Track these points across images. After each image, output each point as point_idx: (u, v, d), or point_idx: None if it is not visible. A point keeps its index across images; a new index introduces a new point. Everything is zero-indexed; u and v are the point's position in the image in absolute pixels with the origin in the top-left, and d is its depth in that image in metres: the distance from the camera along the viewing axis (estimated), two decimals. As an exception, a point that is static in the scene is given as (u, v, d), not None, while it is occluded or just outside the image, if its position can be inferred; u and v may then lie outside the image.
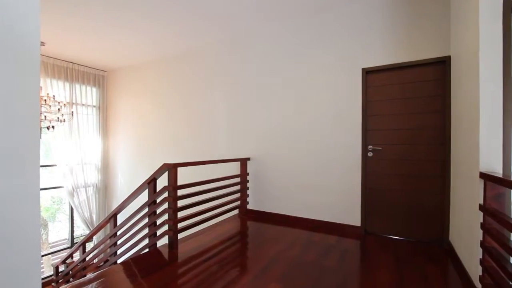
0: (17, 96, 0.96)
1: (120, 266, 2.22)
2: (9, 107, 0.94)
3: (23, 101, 0.96)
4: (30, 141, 0.99)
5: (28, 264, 0.99)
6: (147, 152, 4.89)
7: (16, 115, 0.95)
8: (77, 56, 4.64)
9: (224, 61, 3.93)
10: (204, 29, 3.55)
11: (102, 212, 5.40)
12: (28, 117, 0.98)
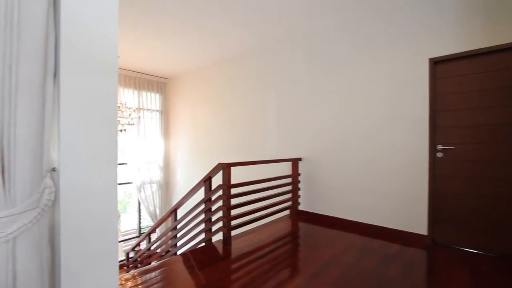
0: (101, 104, 1.11)
1: (180, 257, 2.39)
2: (96, 114, 1.10)
3: (106, 108, 1.11)
4: (111, 143, 1.14)
5: (109, 248, 1.14)
6: (203, 152, 5.20)
7: (102, 121, 1.10)
8: (143, 67, 5.19)
9: (276, 61, 3.94)
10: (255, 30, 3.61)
11: (164, 206, 5.92)
12: (110, 122, 1.13)
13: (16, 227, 0.91)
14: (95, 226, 1.08)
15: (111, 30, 1.12)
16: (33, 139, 0.94)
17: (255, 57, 4.22)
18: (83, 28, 1.04)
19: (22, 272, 0.95)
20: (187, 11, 3.01)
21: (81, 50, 1.04)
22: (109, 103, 1.12)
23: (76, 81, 1.03)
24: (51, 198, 1.01)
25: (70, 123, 1.01)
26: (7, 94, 0.89)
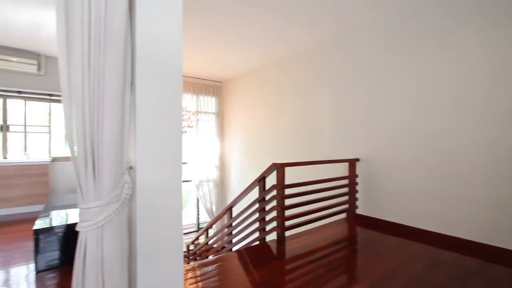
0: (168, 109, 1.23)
1: (235, 254, 2.48)
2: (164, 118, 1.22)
3: (172, 113, 1.23)
4: (176, 144, 1.25)
5: (176, 238, 1.26)
6: (256, 152, 5.31)
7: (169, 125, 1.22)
8: (201, 72, 5.56)
9: (333, 58, 3.79)
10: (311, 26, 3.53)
11: (219, 204, 6.24)
12: (175, 125, 1.25)
13: (103, 216, 1.08)
14: (164, 218, 1.20)
15: (176, 40, 1.23)
16: (115, 142, 1.10)
17: (310, 55, 4.13)
18: (154, 41, 1.17)
19: (107, 253, 1.10)
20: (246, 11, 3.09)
21: (152, 61, 1.16)
22: (175, 108, 1.23)
23: (148, 89, 1.16)
24: (129, 193, 1.16)
25: (143, 127, 1.15)
26: (96, 105, 1.05)
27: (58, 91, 4.64)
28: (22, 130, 4.55)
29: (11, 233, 3.18)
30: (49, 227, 2.29)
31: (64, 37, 0.99)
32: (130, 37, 1.14)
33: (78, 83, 1.01)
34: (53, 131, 4.79)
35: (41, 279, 2.11)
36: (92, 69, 1.03)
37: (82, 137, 1.02)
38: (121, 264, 1.14)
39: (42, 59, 4.51)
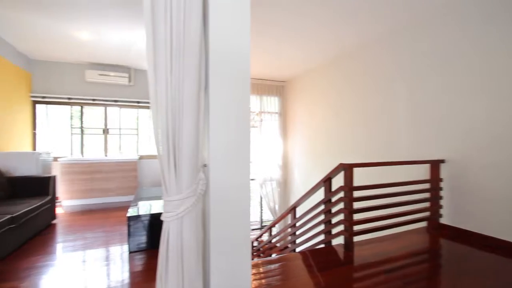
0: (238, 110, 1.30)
1: (299, 255, 2.44)
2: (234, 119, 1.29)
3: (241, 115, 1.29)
4: (245, 144, 1.31)
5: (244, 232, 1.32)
6: (320, 152, 5.15)
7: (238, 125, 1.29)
8: (264, 73, 5.68)
9: (405, 50, 3.42)
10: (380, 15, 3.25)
11: (282, 203, 6.27)
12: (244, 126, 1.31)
13: (183, 208, 1.20)
14: (234, 212, 1.27)
15: (245, 45, 1.29)
16: (192, 142, 1.21)
17: (380, 47, 3.79)
18: (225, 47, 1.25)
19: (186, 241, 1.23)
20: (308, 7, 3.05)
21: (223, 66, 1.24)
22: (244, 110, 1.29)
23: (220, 93, 1.24)
24: (204, 188, 1.27)
25: (216, 128, 1.24)
26: (177, 109, 1.17)
27: (144, 99, 5.40)
28: (118, 132, 5.45)
29: (111, 218, 3.84)
30: (137, 215, 2.67)
31: (152, 52, 1.14)
32: (204, 46, 1.24)
33: (162, 91, 1.15)
34: (140, 133, 5.60)
35: (132, 258, 2.48)
36: (173, 78, 1.16)
37: (166, 138, 1.16)
38: (196, 252, 1.26)
39: (132, 72, 5.31)
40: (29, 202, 2.99)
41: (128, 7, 3.03)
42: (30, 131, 4.84)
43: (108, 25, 3.49)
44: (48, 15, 3.21)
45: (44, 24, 3.46)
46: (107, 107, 5.32)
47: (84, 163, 4.64)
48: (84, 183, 4.63)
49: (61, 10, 3.10)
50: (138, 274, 2.21)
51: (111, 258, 2.52)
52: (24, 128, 4.64)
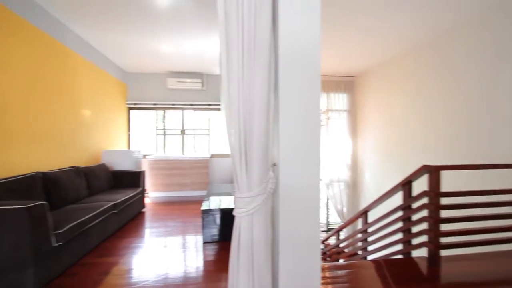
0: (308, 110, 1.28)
1: (371, 264, 2.26)
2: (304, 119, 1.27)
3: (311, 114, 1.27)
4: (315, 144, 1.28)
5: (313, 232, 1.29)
6: (396, 152, 4.66)
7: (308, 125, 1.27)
8: (331, 69, 5.44)
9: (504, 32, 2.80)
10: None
11: (351, 206, 5.90)
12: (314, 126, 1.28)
13: (253, 205, 1.24)
14: (303, 212, 1.25)
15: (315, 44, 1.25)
16: (262, 142, 1.24)
17: (477, 26, 3.20)
18: (295, 47, 1.24)
19: (256, 237, 1.27)
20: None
21: (293, 66, 1.24)
22: (314, 109, 1.25)
23: (289, 93, 1.24)
24: (273, 187, 1.29)
25: (285, 128, 1.24)
26: (248, 110, 1.22)
27: (215, 101, 5.81)
28: (192, 133, 6.02)
29: (187, 210, 4.26)
30: (210, 209, 2.89)
31: (225, 57, 1.22)
32: (273, 48, 1.26)
33: (235, 93, 1.21)
34: (211, 133, 6.06)
35: (205, 248, 2.70)
36: (245, 80, 1.21)
37: (238, 138, 1.22)
38: (265, 248, 1.29)
39: (204, 77, 5.78)
40: (125, 192, 3.57)
41: (202, 18, 3.31)
42: (126, 133, 5.78)
43: (185, 37, 3.88)
44: (140, 33, 3.76)
45: (136, 42, 4.07)
46: (184, 110, 5.93)
47: (165, 160, 5.28)
48: (165, 178, 5.27)
49: (149, 28, 3.59)
50: (211, 263, 2.40)
51: (187, 246, 2.79)
52: (121, 130, 5.56)
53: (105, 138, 4.79)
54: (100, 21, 3.41)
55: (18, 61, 2.75)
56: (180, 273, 2.19)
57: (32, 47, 2.93)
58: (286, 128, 1.23)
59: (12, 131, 2.67)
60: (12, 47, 2.66)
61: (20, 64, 2.78)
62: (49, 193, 2.65)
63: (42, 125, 3.11)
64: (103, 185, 3.72)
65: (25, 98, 2.84)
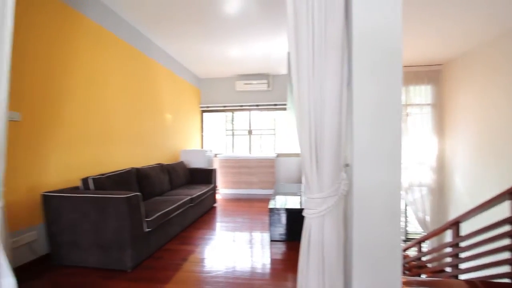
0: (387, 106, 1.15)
1: (464, 284, 1.92)
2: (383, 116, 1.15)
3: (392, 109, 1.14)
4: (396, 143, 1.15)
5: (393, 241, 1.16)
6: (497, 153, 3.84)
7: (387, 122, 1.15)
8: (411, 58, 4.83)
9: None
10: None
11: (436, 214, 5.12)
12: (395, 121, 1.15)
13: (324, 207, 1.19)
14: (382, 218, 1.14)
15: (396, 32, 1.12)
16: (334, 141, 1.18)
17: None
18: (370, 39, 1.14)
19: (327, 239, 1.21)
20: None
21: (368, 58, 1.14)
22: (394, 104, 1.13)
23: (365, 88, 1.14)
24: (346, 189, 1.21)
25: (360, 126, 1.15)
26: (319, 108, 1.17)
27: (280, 101, 5.85)
28: (259, 133, 6.20)
29: (254, 208, 4.40)
30: (277, 208, 2.92)
31: (294, 55, 1.20)
32: (346, 40, 1.18)
33: (305, 90, 1.18)
34: (276, 133, 6.13)
35: (272, 246, 2.74)
36: (315, 76, 1.17)
37: (308, 137, 1.19)
38: (337, 251, 1.22)
39: (270, 78, 5.88)
40: (200, 188, 3.91)
41: (269, 19, 3.38)
42: (199, 134, 6.33)
43: (253, 39, 4.02)
44: (212, 41, 4.07)
45: (209, 49, 4.42)
46: (251, 111, 6.16)
47: (234, 159, 5.58)
48: (234, 176, 5.57)
49: (220, 35, 3.85)
50: (278, 262, 2.41)
51: (254, 242, 2.88)
52: (196, 131, 6.13)
53: (183, 138, 5.36)
54: (178, 33, 3.82)
55: (116, 74, 3.31)
56: (247, 268, 2.27)
57: (126, 61, 3.49)
58: (360, 125, 1.14)
59: (113, 134, 3.22)
60: (112, 64, 3.23)
61: (118, 76, 3.34)
62: (141, 186, 3.10)
63: (134, 129, 3.66)
64: (182, 181, 4.15)
65: (121, 106, 3.39)
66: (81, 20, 2.71)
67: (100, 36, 2.98)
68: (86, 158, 2.77)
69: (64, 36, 2.53)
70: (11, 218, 2.01)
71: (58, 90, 2.46)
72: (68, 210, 2.18)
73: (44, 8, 2.31)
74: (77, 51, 2.68)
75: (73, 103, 2.62)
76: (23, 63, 2.13)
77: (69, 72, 2.58)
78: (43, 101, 2.31)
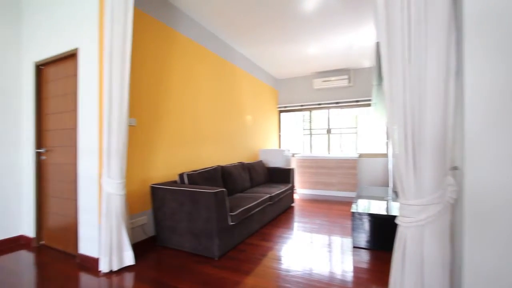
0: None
1: None
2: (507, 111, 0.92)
3: None
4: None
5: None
6: None
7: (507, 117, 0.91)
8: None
9: None
10: None
11: None
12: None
13: (424, 216, 1.03)
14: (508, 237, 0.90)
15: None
16: (437, 139, 1.00)
17: None
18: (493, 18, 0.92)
19: (428, 255, 1.04)
20: None
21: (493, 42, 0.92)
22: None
23: (484, 76, 0.93)
24: (454, 196, 1.02)
25: (475, 120, 0.94)
26: (417, 101, 1.02)
27: (363, 97, 5.42)
28: (338, 132, 5.89)
29: (333, 210, 4.20)
30: (360, 212, 2.70)
31: (385, 44, 1.08)
32: (454, 20, 0.99)
33: (399, 83, 1.05)
34: (359, 132, 5.69)
35: (355, 253, 2.55)
36: (412, 66, 1.02)
37: (403, 135, 1.05)
38: (442, 271, 1.04)
39: (351, 73, 5.51)
40: (278, 187, 3.98)
41: (350, 11, 3.16)
42: (277, 134, 6.46)
43: (332, 34, 3.85)
44: (290, 41, 4.08)
45: (286, 50, 4.46)
46: (330, 109, 5.91)
47: (312, 159, 5.46)
48: (312, 176, 5.45)
49: (298, 35, 3.83)
50: (361, 270, 2.23)
51: (333, 246, 2.74)
52: (273, 131, 6.27)
53: (261, 138, 5.56)
54: (255, 37, 3.99)
55: (204, 81, 3.68)
56: (325, 272, 2.18)
57: (211, 68, 3.85)
58: (475, 120, 0.93)
59: (202, 136, 3.61)
60: (202, 73, 3.61)
61: (206, 82, 3.71)
62: (225, 182, 3.37)
63: (219, 129, 4.01)
64: (261, 179, 4.32)
65: (208, 109, 3.76)
66: (174, 34, 3.14)
67: (188, 47, 3.39)
68: (181, 156, 3.19)
69: (164, 51, 2.97)
70: (130, 204, 2.49)
71: (160, 99, 2.91)
72: (169, 200, 2.55)
73: (149, 28, 2.77)
74: (173, 63, 3.11)
75: (171, 110, 3.05)
76: (137, 77, 2.61)
77: (168, 83, 3.02)
78: (150, 109, 2.77)
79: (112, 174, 2.11)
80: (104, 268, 2.12)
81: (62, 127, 2.60)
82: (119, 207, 2.14)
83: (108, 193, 2.11)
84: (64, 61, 2.58)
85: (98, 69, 2.22)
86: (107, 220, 2.12)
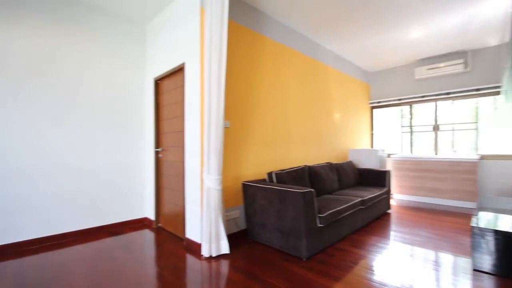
0: None
1: None
2: None
3: None
4: None
5: None
6: None
7: None
8: None
9: None
10: None
11: None
12: None
13: None
14: None
15: None
16: None
17: None
18: None
19: None
20: None
21: None
22: None
23: None
24: None
25: None
26: None
27: (486, 84, 4.36)
28: (450, 128, 4.89)
29: (440, 222, 3.53)
30: (485, 228, 2.17)
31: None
32: None
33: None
34: (480, 127, 4.58)
35: (476, 277, 2.06)
36: None
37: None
38: None
39: (468, 55, 4.50)
40: (371, 190, 3.63)
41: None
42: (369, 132, 5.90)
43: (436, 11, 3.23)
44: (383, 29, 3.66)
45: (379, 39, 4.01)
46: (437, 101, 4.98)
47: (413, 161, 4.74)
48: (413, 180, 4.74)
49: (395, 19, 3.39)
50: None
51: (442, 265, 2.29)
52: (365, 129, 5.76)
53: (351, 137, 5.19)
54: (344, 32, 3.74)
55: (292, 82, 3.71)
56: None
57: (299, 68, 3.83)
58: None
59: (290, 136, 3.64)
60: (289, 73, 3.65)
61: (293, 83, 3.73)
62: (312, 183, 3.31)
63: (306, 129, 3.96)
64: (351, 181, 4.04)
65: (296, 108, 3.77)
66: (261, 38, 3.27)
67: (275, 49, 3.47)
68: (269, 156, 3.32)
69: (253, 56, 3.15)
70: (225, 199, 2.76)
71: (250, 102, 3.10)
72: (259, 197, 2.69)
73: (239, 36, 2.99)
74: (261, 67, 3.26)
75: (260, 112, 3.21)
76: (230, 82, 2.85)
77: (257, 86, 3.18)
78: (241, 111, 2.99)
79: (211, 171, 2.39)
80: (205, 252, 2.42)
81: (173, 130, 3.11)
82: (217, 200, 2.41)
83: (208, 187, 2.40)
84: (174, 75, 3.08)
85: (200, 79, 2.54)
86: (207, 210, 2.41)
